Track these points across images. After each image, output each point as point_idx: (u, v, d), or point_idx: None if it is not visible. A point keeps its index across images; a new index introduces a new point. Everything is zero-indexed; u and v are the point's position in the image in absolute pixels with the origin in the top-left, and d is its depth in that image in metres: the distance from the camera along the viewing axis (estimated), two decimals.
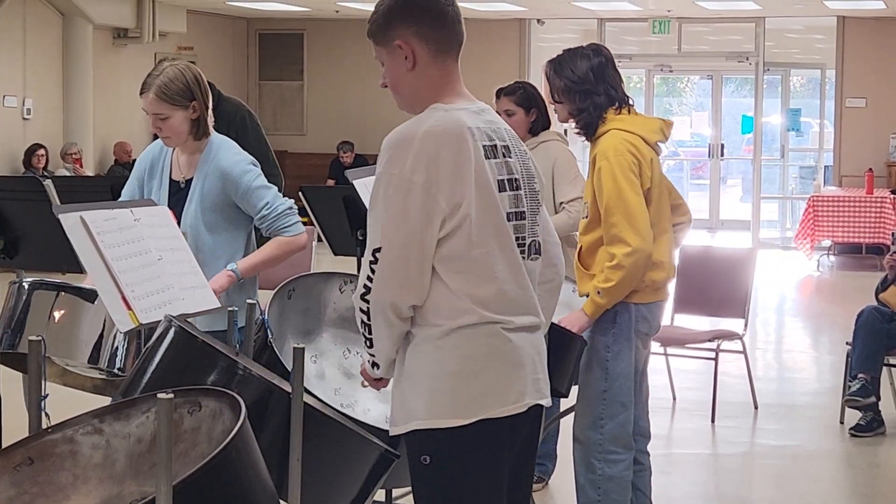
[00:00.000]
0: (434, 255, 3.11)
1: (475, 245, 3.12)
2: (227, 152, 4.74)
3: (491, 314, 3.14)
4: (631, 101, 4.89)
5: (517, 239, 3.24)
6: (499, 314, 3.16)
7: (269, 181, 4.83)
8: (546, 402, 3.31)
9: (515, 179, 3.26)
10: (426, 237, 3.07)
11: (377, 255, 3.08)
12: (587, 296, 4.84)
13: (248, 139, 4.90)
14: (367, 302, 3.12)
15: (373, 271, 3.09)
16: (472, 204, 3.10)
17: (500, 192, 3.19)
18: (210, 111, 4.75)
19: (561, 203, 5.99)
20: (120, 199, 4.86)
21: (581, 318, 4.73)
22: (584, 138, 4.89)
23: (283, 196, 4.78)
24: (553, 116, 5.26)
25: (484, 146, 3.17)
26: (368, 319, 3.14)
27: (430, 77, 3.23)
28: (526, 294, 3.25)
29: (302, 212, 6.04)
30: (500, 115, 6.12)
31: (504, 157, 3.24)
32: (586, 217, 4.83)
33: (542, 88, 5.43)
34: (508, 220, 3.20)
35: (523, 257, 3.26)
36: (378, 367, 3.23)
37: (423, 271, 3.10)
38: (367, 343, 3.20)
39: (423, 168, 3.06)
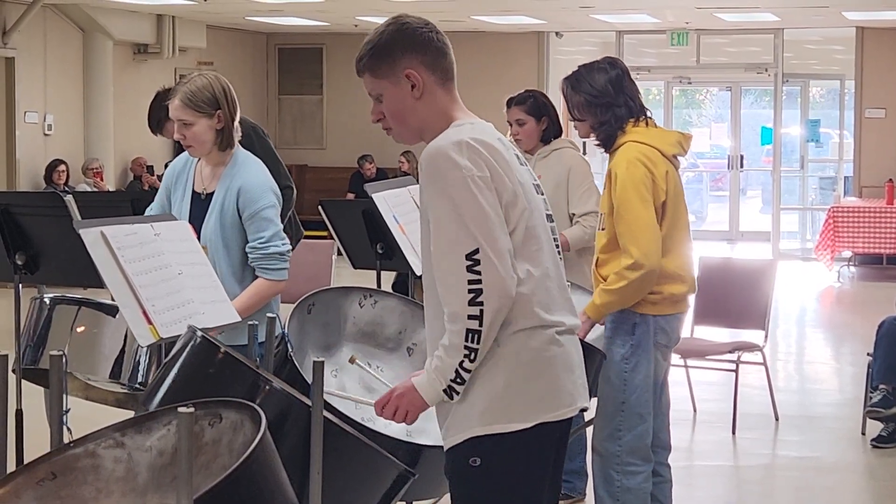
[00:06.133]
0: None
1: (531, 241, 3.19)
2: (251, 169, 4.75)
3: (547, 316, 3.19)
4: (649, 113, 4.89)
5: (555, 240, 3.36)
6: (552, 315, 3.21)
7: (282, 193, 4.84)
8: (588, 404, 3.37)
9: (539, 185, 3.38)
10: (504, 225, 3.13)
11: (476, 256, 3.06)
12: None
13: (256, 155, 4.91)
14: (481, 305, 3.06)
15: (477, 273, 3.06)
16: (524, 199, 3.18)
17: (537, 195, 3.31)
18: (237, 124, 4.75)
19: (573, 214, 5.97)
20: (149, 212, 4.89)
21: (582, 319, 4.70)
22: (603, 150, 4.89)
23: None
24: (573, 131, 5.25)
25: (515, 154, 3.29)
26: (481, 325, 3.08)
27: (439, 102, 3.28)
28: (566, 294, 3.32)
29: (322, 225, 6.05)
30: (511, 124, 6.19)
31: (524, 165, 3.34)
32: (603, 229, 4.83)
33: (561, 106, 5.43)
34: (548, 221, 3.33)
35: (560, 258, 3.37)
36: (457, 394, 3.15)
37: (512, 259, 3.14)
38: (471, 357, 3.11)
39: (484, 165, 3.12)
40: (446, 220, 3.10)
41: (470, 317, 3.08)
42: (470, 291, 3.07)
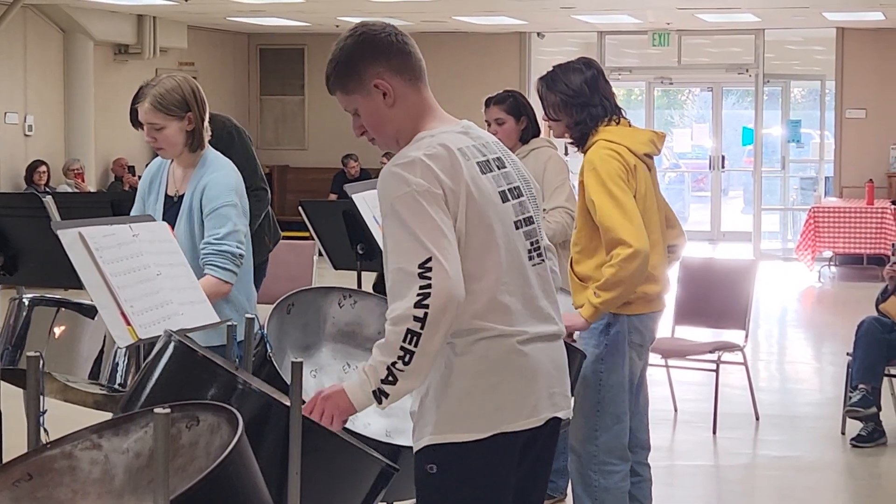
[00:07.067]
0: None
1: (468, 260, 3.12)
2: (218, 169, 4.72)
3: (503, 326, 3.15)
4: (624, 113, 4.88)
5: (532, 244, 3.28)
6: (511, 325, 3.16)
7: (256, 194, 4.81)
8: (564, 414, 3.32)
9: (516, 187, 3.29)
10: (453, 237, 3.07)
11: (428, 265, 2.99)
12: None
13: (234, 156, 4.89)
14: (426, 308, 2.98)
15: (428, 278, 2.99)
16: (464, 221, 3.11)
17: (504, 202, 3.22)
18: (206, 124, 4.74)
19: (544, 209, 5.95)
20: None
21: (576, 318, 4.64)
22: (577, 150, 4.89)
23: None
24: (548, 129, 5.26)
25: (478, 163, 3.20)
26: (422, 328, 2.99)
27: (412, 106, 3.24)
28: (535, 303, 3.25)
29: (303, 226, 6.05)
30: (489, 123, 6.16)
31: (499, 168, 3.27)
32: (577, 228, 4.84)
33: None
34: (517, 228, 3.24)
35: (540, 261, 3.29)
36: (386, 398, 3.08)
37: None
38: (405, 359, 3.03)
39: (436, 182, 3.07)
40: (399, 235, 3.05)
41: (415, 318, 3.01)
42: (418, 295, 3.00)
